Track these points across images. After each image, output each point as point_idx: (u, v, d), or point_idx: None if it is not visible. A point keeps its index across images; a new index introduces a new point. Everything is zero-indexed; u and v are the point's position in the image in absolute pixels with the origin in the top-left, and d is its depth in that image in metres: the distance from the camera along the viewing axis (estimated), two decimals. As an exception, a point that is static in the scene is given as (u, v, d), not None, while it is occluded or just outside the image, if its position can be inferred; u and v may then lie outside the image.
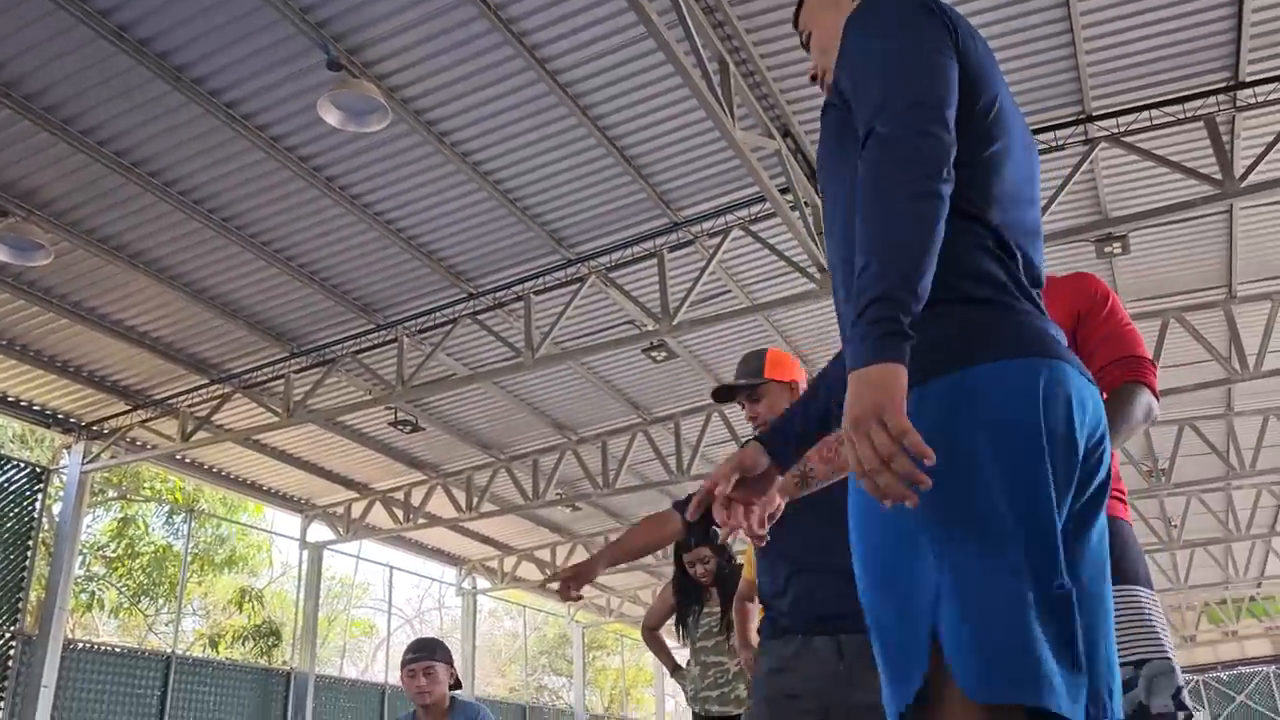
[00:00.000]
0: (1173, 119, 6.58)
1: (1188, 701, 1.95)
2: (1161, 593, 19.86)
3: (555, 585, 3.04)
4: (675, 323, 7.77)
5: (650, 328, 8.07)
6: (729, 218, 7.57)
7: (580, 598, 3.18)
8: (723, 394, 3.20)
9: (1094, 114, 6.70)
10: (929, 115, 1.33)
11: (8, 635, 9.14)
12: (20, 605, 9.34)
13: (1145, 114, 6.62)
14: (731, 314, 8.14)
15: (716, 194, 7.41)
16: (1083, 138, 6.76)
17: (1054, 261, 8.23)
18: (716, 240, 7.68)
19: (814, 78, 1.70)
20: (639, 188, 7.19)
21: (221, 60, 5.77)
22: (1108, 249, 7.54)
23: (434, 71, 6.01)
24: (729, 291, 8.59)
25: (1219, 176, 6.51)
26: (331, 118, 5.80)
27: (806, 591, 2.90)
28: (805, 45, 1.75)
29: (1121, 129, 6.66)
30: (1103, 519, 1.40)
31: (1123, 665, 1.94)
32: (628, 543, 3.32)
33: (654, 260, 7.90)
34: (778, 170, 6.70)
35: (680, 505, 3.18)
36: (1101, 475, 1.39)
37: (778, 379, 3.17)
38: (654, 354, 9.06)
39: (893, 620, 1.31)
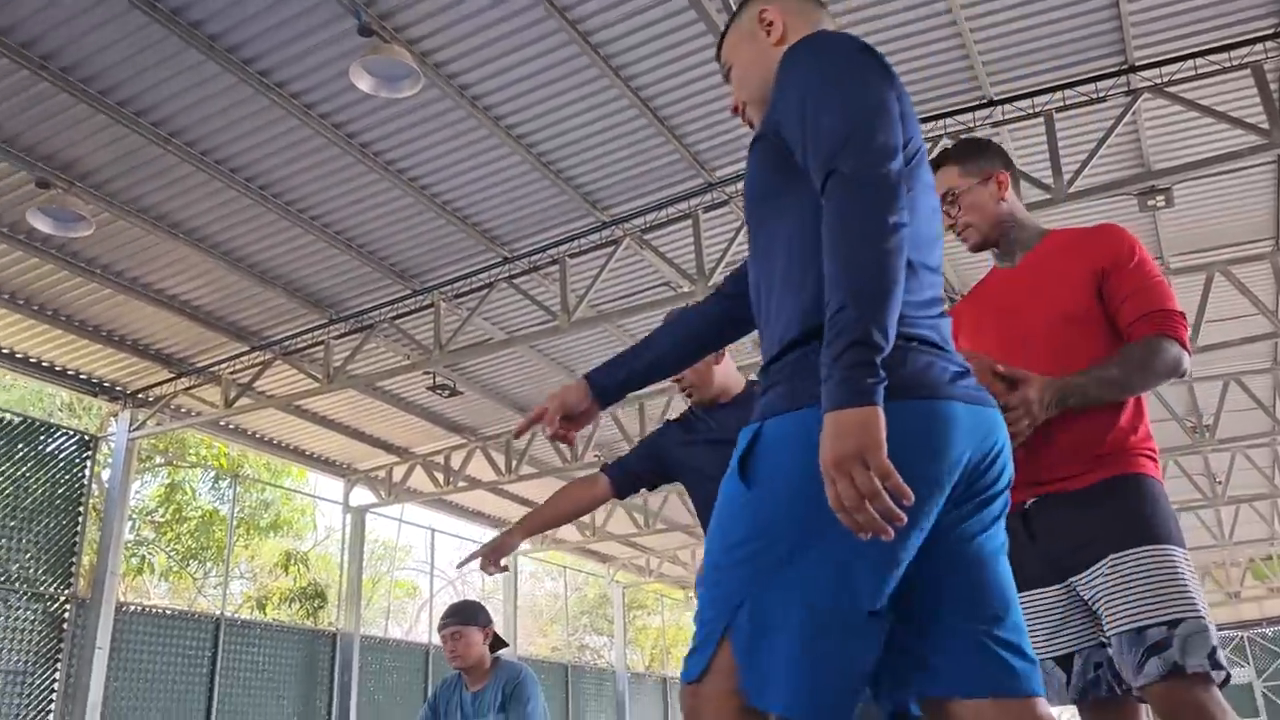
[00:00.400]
0: (1218, 67, 6.42)
1: (1223, 660, 1.92)
2: (1206, 549, 19.56)
3: (475, 563, 3.10)
4: (711, 283, 7.75)
5: (686, 289, 8.05)
6: (763, 177, 7.50)
7: (505, 568, 3.24)
8: None
9: (1136, 64, 6.54)
10: (890, 158, 1.38)
11: (62, 599, 9.40)
12: (73, 570, 9.59)
13: (1189, 63, 6.46)
14: (767, 274, 8.11)
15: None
16: (1125, 89, 6.61)
17: (1096, 216, 8.10)
18: (751, 200, 7.62)
19: (735, 109, 1.76)
20: (672, 148, 7.14)
21: (254, 29, 5.78)
22: (1151, 202, 7.39)
23: (465, 35, 5.99)
24: (764, 252, 8.53)
25: (1266, 126, 6.35)
26: (364, 84, 5.81)
27: None
28: (726, 78, 1.80)
29: (1165, 79, 6.51)
30: (998, 535, 1.50)
31: (1156, 625, 1.93)
32: (548, 510, 3.29)
33: (689, 221, 7.87)
34: (812, 128, 6.63)
35: (610, 468, 3.23)
36: (998, 488, 1.48)
37: None
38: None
39: (707, 604, 1.43)
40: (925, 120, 6.96)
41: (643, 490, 3.32)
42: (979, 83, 6.68)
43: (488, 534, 16.01)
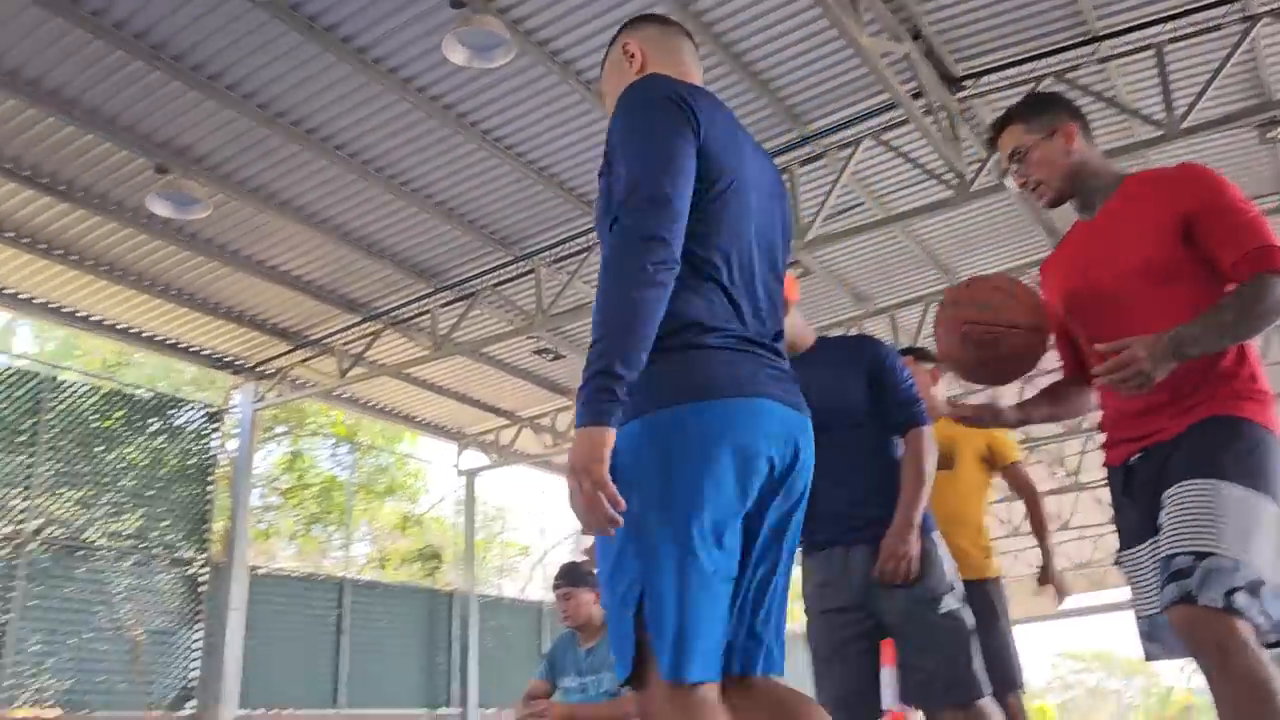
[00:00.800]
0: (1345, -15, 6.05)
1: (1242, 607, 1.85)
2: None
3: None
4: (808, 239, 7.69)
5: (783, 245, 7.99)
6: (860, 128, 7.39)
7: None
8: None
9: (1255, -13, 6.22)
10: (661, 211, 1.59)
11: (199, 563, 9.94)
12: (207, 536, 10.12)
13: (1313, -18, 6.11)
14: (867, 227, 7.98)
15: (845, 104, 7.22)
16: (1241, 14, 6.28)
17: (1212, 151, 7.75)
18: (847, 152, 7.52)
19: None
20: (764, 103, 7.07)
21: (350, 7, 5.92)
22: (1271, 135, 7.03)
23: (554, 1, 6.02)
24: (863, 204, 8.41)
25: (1400, 45, 5.97)
26: (457, 56, 5.90)
27: (837, 505, 2.98)
28: (605, 105, 2.02)
29: (1286, 1, 6.17)
30: (796, 524, 1.80)
31: (1184, 554, 1.90)
32: None
33: (785, 176, 7.80)
34: (908, 75, 6.49)
35: None
36: (798, 490, 1.76)
37: (790, 299, 3.21)
38: (788, 271, 8.99)
39: (615, 606, 1.64)
40: (1027, 61, 6.74)
41: None
42: (1084, 17, 6.43)
43: (595, 494, 16.27)
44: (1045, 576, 4.42)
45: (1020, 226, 9.13)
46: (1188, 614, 1.88)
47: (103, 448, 9.42)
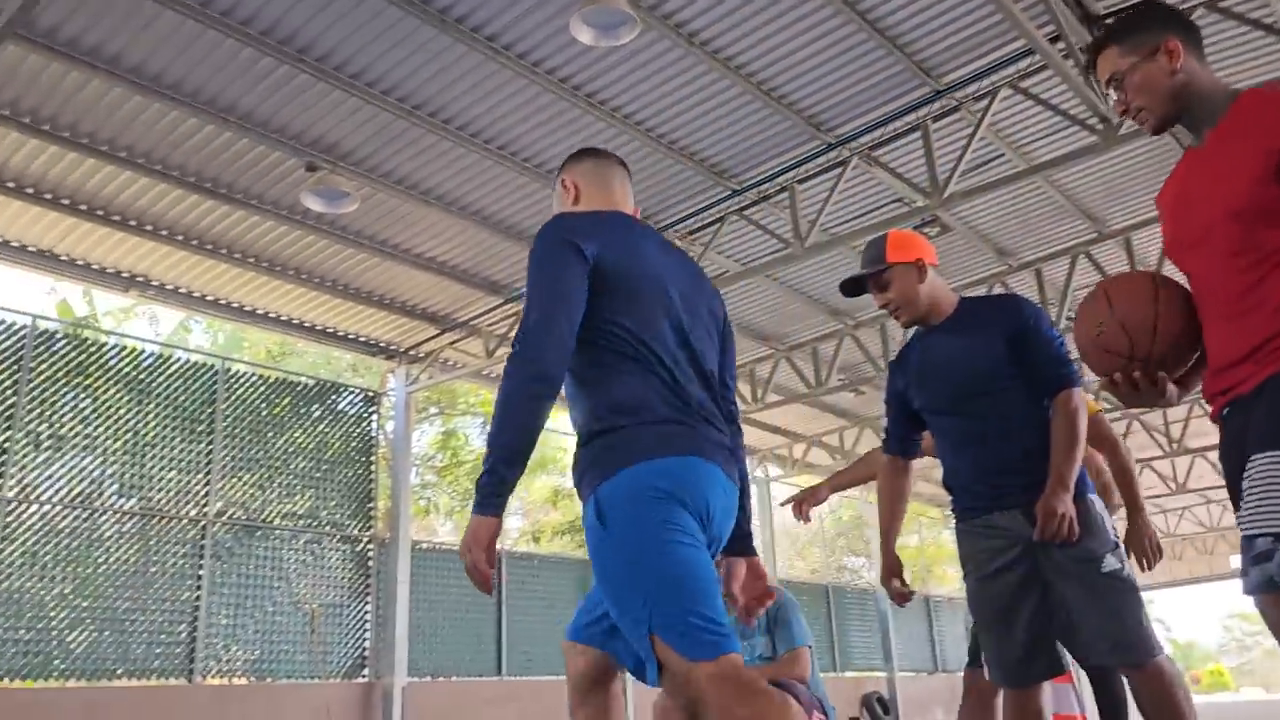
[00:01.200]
0: None
1: None
2: None
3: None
4: (946, 195, 7.51)
5: (920, 203, 7.84)
6: (995, 78, 7.16)
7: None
8: (850, 286, 3.18)
9: None
10: (544, 339, 2.03)
11: (365, 540, 10.47)
12: (372, 514, 10.65)
13: None
14: (1007, 179, 7.72)
15: (979, 54, 7.01)
16: None
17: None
18: (984, 104, 7.30)
19: None
20: (894, 59, 6.93)
21: (479, -3, 6.09)
22: None
23: (675, -26, 6.05)
24: (1002, 156, 8.16)
25: None
26: (584, 35, 6.00)
27: (988, 472, 2.96)
28: None
29: None
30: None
31: (1264, 535, 1.78)
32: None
33: (918, 133, 7.63)
34: (1044, 19, 6.25)
35: (889, 446, 3.37)
36: (718, 524, 2.15)
37: (901, 261, 3.09)
38: (926, 230, 8.81)
39: (630, 625, 2.03)
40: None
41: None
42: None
43: (740, 462, 16.30)
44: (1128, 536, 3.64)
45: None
46: (1274, 600, 1.80)
47: (273, 433, 10.02)
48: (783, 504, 3.98)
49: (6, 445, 8.06)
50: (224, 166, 7.64)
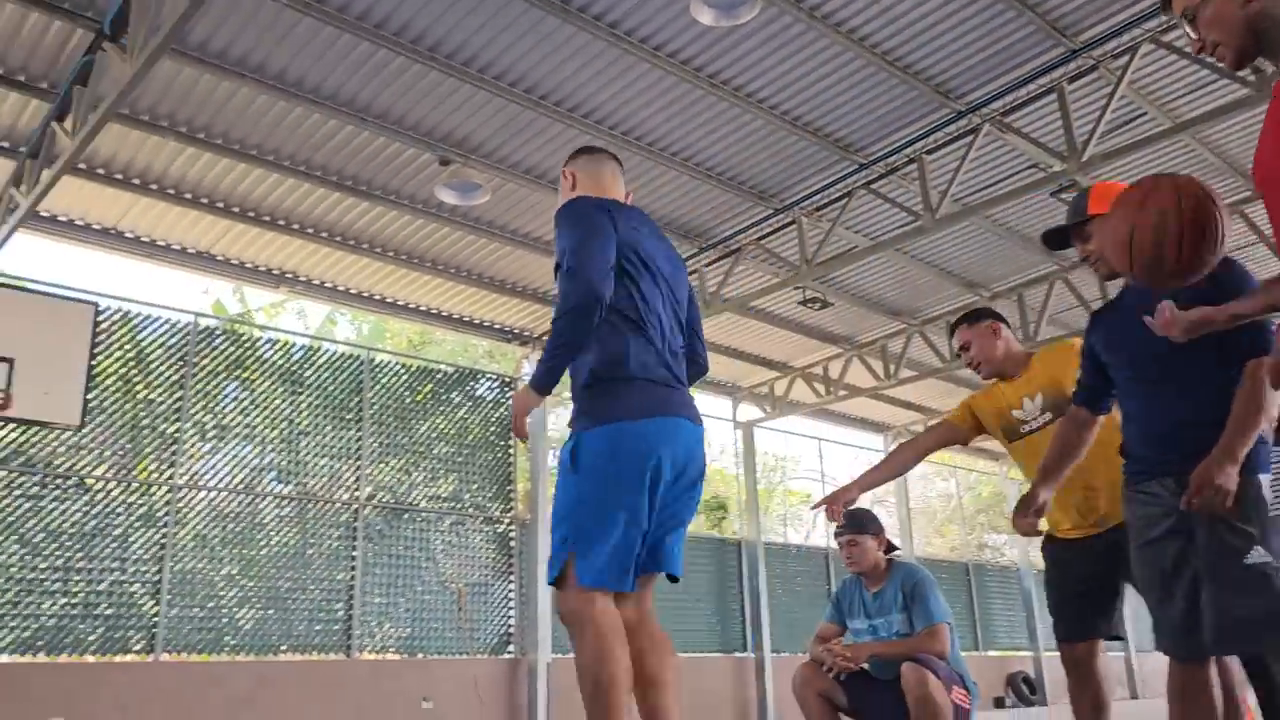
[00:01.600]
0: None
1: None
2: None
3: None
4: (1085, 158, 7.24)
5: (1057, 167, 7.58)
6: (1136, 32, 6.86)
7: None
8: (1053, 239, 3.23)
9: None
10: (583, 287, 2.53)
11: (507, 521, 10.79)
12: (512, 495, 10.97)
13: None
14: (1150, 139, 7.39)
15: (1116, 8, 6.72)
16: None
17: None
18: (1123, 61, 7.00)
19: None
20: (1026, 19, 6.71)
21: (600, -14, 6.18)
22: None
23: (795, -52, 6.00)
24: (1144, 114, 7.81)
25: None
26: (705, 16, 6.03)
27: (1157, 438, 2.87)
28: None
29: None
30: (694, 504, 2.86)
31: None
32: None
33: (1053, 96, 7.37)
34: (1188, -33, 5.95)
35: (1077, 396, 3.32)
36: (689, 478, 2.76)
37: (1104, 212, 2.97)
38: (1064, 196, 8.50)
39: (558, 540, 2.63)
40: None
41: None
42: None
43: (872, 439, 16.13)
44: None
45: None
46: None
47: (416, 419, 10.41)
48: (813, 508, 3.96)
49: (177, 436, 8.63)
50: (362, 164, 7.97)
